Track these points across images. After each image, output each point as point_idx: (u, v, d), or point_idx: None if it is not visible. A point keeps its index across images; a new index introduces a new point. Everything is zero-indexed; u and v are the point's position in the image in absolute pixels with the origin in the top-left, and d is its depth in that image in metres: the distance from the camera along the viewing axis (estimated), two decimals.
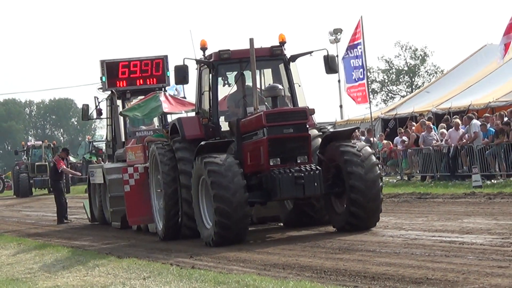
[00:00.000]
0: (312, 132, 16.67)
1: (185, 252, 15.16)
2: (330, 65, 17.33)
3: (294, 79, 17.30)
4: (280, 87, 16.28)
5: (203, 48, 17.30)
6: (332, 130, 17.73)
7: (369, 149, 16.04)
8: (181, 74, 16.87)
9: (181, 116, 19.93)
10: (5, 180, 63.60)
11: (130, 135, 24.02)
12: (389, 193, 24.72)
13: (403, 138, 30.61)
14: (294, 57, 17.41)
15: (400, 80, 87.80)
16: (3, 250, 19.05)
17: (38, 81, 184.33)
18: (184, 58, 16.85)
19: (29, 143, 58.75)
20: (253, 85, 16.43)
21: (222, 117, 17.13)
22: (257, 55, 16.45)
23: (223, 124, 17.06)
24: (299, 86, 17.38)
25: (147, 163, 18.63)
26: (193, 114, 18.76)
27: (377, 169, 15.78)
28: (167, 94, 22.90)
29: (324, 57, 17.31)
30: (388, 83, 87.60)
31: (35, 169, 53.23)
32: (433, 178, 27.62)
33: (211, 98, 16.93)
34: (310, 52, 17.24)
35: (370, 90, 59.28)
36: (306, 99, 17.42)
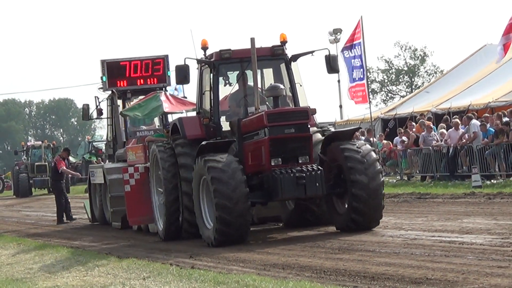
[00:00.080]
0: (314, 132, 16.63)
1: (185, 252, 15.15)
2: (332, 65, 17.27)
3: (296, 79, 17.24)
4: (282, 87, 16.28)
5: (204, 48, 17.26)
6: (334, 130, 17.63)
7: (369, 146, 16.03)
8: (182, 74, 16.84)
9: (182, 116, 19.91)
10: (5, 180, 63.53)
11: (131, 135, 23.99)
12: (389, 193, 24.67)
13: (403, 138, 30.61)
14: (295, 57, 17.35)
15: (400, 80, 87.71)
16: (3, 250, 19.02)
17: (38, 81, 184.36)
18: (185, 58, 16.84)
19: (29, 143, 58.75)
20: (254, 85, 16.43)
21: (223, 117, 17.10)
22: (258, 55, 16.42)
23: (224, 124, 17.02)
24: (301, 86, 17.33)
25: (148, 163, 18.62)
26: (194, 114, 18.73)
27: (378, 164, 15.78)
28: (168, 94, 22.87)
29: (326, 57, 17.26)
30: (388, 83, 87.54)
31: (35, 169, 53.22)
32: (433, 178, 27.62)
33: (212, 98, 16.91)
34: (312, 52, 17.20)
35: (370, 90, 59.28)
36: (307, 99, 17.43)
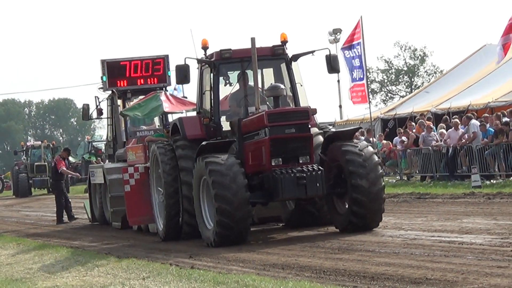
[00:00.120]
0: (314, 132, 16.59)
1: (185, 252, 15.15)
2: (332, 65, 17.22)
3: (296, 79, 17.19)
4: (282, 87, 16.23)
5: (204, 48, 17.22)
6: (334, 130, 17.58)
7: (371, 149, 15.99)
8: (182, 74, 16.81)
9: (182, 116, 19.91)
10: (5, 180, 63.47)
11: (131, 135, 23.97)
12: (389, 193, 24.60)
13: (402, 138, 30.62)
14: (296, 57, 17.30)
15: (400, 80, 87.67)
16: (3, 250, 19.01)
17: (37, 81, 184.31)
18: (186, 58, 16.81)
19: (29, 143, 58.78)
20: (255, 85, 16.39)
21: (224, 117, 17.07)
22: (259, 55, 16.36)
23: (225, 124, 16.98)
24: (301, 86, 17.30)
25: (148, 163, 18.61)
26: (194, 114, 18.71)
27: (379, 168, 15.75)
28: (168, 94, 22.88)
29: (326, 57, 17.21)
30: (388, 83, 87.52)
31: (35, 169, 53.20)
32: (433, 178, 27.62)
33: (212, 98, 16.87)
34: (312, 52, 17.15)
35: (370, 90, 59.21)
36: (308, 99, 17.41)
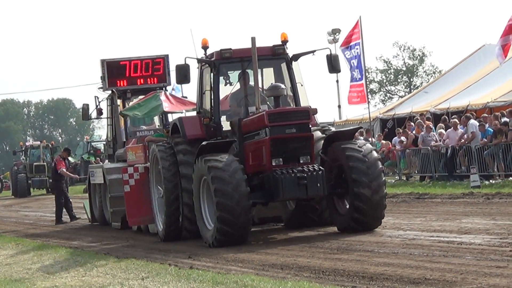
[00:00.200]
0: (315, 132, 16.52)
1: (184, 253, 15.16)
2: (333, 65, 17.17)
3: (297, 79, 17.15)
4: (283, 87, 16.19)
5: (205, 47, 17.18)
6: (335, 130, 17.51)
7: (375, 154, 15.88)
8: (183, 73, 16.77)
9: (182, 116, 19.88)
10: (3, 181, 63.44)
11: (131, 135, 23.95)
12: (388, 193, 24.60)
13: (401, 138, 30.63)
14: (297, 56, 17.25)
15: (399, 80, 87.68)
16: (1, 251, 18.99)
17: (37, 81, 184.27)
18: (186, 57, 16.79)
19: (28, 143, 58.71)
20: (255, 85, 16.34)
21: (224, 117, 17.05)
22: (259, 54, 16.32)
23: (225, 124, 16.95)
24: (302, 86, 17.26)
25: (148, 163, 18.60)
26: (194, 114, 18.69)
27: (382, 176, 15.71)
28: (168, 93, 22.86)
29: (327, 57, 17.17)
30: (387, 83, 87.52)
31: (34, 169, 53.15)
32: (432, 178, 27.63)
33: (213, 98, 16.84)
34: (313, 51, 17.10)
35: (369, 90, 59.28)
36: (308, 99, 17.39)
